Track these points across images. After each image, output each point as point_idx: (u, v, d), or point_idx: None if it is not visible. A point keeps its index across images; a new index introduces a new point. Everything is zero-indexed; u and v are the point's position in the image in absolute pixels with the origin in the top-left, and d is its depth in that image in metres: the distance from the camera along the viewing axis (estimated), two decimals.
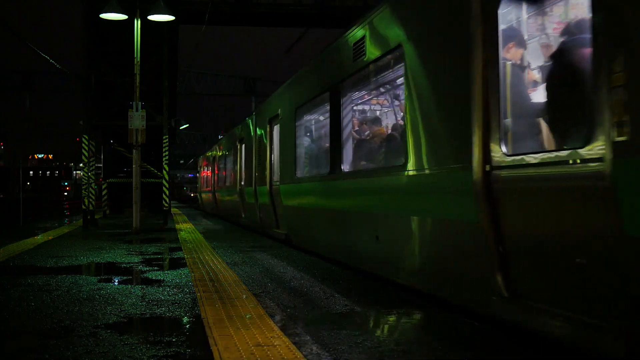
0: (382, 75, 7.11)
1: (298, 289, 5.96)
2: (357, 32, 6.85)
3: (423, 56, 5.24)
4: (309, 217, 9.38)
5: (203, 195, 31.50)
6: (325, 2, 24.91)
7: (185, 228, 15.35)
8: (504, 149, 3.98)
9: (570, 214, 3.43)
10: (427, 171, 5.08)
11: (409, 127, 5.42)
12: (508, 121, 4.17)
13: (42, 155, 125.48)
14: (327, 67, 8.41)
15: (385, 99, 8.41)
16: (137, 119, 13.35)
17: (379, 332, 4.36)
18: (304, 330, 4.23)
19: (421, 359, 3.60)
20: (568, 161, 3.38)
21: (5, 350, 3.82)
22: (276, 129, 11.74)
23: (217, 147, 23.66)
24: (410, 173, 5.38)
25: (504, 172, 3.96)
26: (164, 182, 16.85)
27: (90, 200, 16.21)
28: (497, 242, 3.98)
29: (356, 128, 8.15)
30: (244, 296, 5.51)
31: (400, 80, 6.40)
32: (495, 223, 4.02)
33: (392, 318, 4.73)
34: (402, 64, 5.68)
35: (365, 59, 6.62)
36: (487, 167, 4.11)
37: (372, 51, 6.44)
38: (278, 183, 11.03)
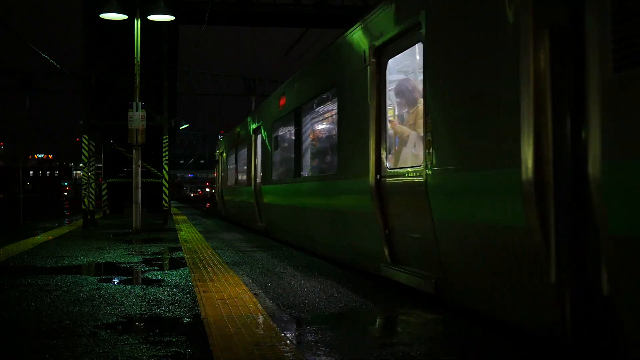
0: None
1: (298, 289, 5.96)
2: None
3: None
4: None
5: (227, 198, 20.80)
6: (325, 2, 24.87)
7: (185, 228, 15.35)
8: None
9: None
10: None
11: None
12: None
13: (42, 155, 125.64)
14: None
15: None
16: (137, 119, 13.35)
17: (378, 332, 4.36)
18: (304, 330, 4.24)
19: (421, 358, 3.60)
20: None
21: (5, 350, 3.82)
22: None
23: (274, 103, 12.32)
24: None
25: None
26: (164, 182, 16.85)
27: (90, 200, 16.21)
28: None
29: None
30: (244, 296, 5.51)
31: None
32: None
33: (392, 318, 4.73)
34: None
35: None
36: None
37: None
38: None
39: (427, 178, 5.10)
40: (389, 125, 6.52)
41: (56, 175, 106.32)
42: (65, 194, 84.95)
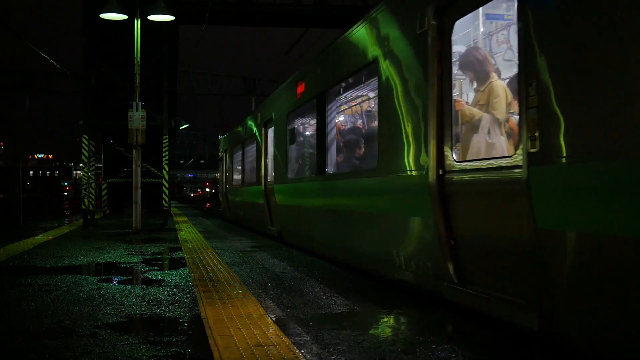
0: None
1: (298, 289, 5.96)
2: None
3: None
4: None
5: (232, 198, 19.03)
6: (325, 2, 24.90)
7: (185, 228, 15.35)
8: None
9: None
10: None
11: None
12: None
13: (42, 155, 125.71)
14: None
15: None
16: (137, 119, 13.35)
17: (378, 332, 4.36)
18: (304, 331, 4.23)
19: (420, 359, 3.60)
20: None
21: (5, 350, 3.82)
22: None
23: (289, 92, 10.81)
24: None
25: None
26: (164, 182, 16.85)
27: (90, 200, 16.22)
28: None
29: None
30: (244, 296, 5.50)
31: None
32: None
33: (391, 318, 4.73)
34: None
35: None
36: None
37: None
38: None
39: (529, 173, 3.72)
40: (454, 106, 5.04)
41: (56, 175, 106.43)
42: (65, 194, 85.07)
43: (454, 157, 4.85)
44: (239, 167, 17.65)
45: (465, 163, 4.74)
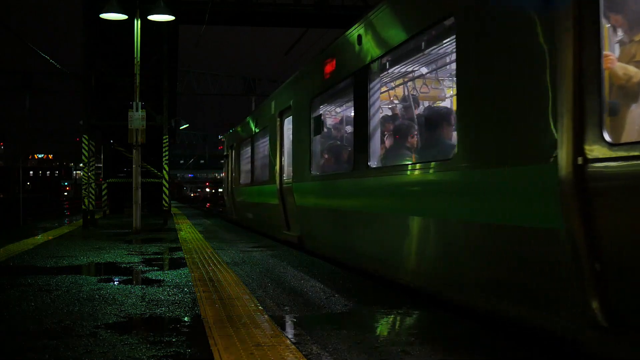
0: None
1: (298, 288, 5.96)
2: None
3: None
4: None
5: (239, 199, 17.45)
6: (325, 2, 24.92)
7: (185, 228, 15.35)
8: None
9: None
10: None
11: None
12: None
13: (42, 155, 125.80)
14: None
15: None
16: (137, 119, 13.36)
17: (378, 332, 4.36)
18: (304, 330, 4.23)
19: (420, 359, 3.60)
20: None
21: (5, 350, 3.82)
22: None
23: (314, 74, 9.00)
24: None
25: None
26: (164, 182, 16.86)
27: (90, 200, 16.22)
28: None
29: None
30: (244, 296, 5.51)
31: None
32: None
33: (391, 318, 4.73)
34: None
35: None
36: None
37: None
38: None
39: None
40: (602, 64, 3.28)
41: (56, 175, 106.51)
42: (65, 194, 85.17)
43: (607, 138, 3.22)
44: (248, 165, 15.91)
45: (631, 148, 3.10)
